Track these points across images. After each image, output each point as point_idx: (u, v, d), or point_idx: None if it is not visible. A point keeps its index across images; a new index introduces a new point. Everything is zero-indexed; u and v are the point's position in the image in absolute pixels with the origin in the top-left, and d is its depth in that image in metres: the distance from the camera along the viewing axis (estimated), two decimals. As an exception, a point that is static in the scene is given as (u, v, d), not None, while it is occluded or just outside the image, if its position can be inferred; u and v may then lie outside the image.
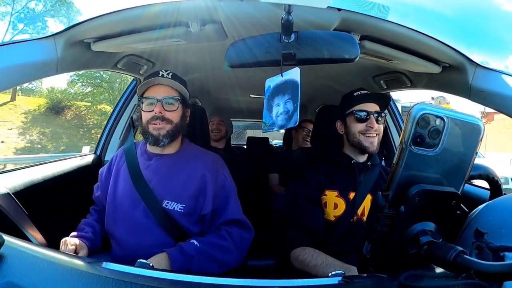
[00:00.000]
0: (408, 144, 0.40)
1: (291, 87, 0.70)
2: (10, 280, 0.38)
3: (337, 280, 0.46)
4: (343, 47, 0.71)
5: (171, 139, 0.96)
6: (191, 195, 0.94)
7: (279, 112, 0.71)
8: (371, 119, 1.02)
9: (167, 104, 0.96)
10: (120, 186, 0.98)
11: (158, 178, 0.95)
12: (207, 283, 0.44)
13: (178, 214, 0.92)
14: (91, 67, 1.18)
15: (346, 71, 1.57)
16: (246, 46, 0.72)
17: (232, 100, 2.72)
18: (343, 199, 1.01)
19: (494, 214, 0.47)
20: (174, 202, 0.93)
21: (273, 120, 0.72)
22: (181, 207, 0.93)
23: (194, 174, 0.96)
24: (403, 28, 0.89)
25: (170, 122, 0.95)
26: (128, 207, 0.94)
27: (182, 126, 1.00)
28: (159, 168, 0.97)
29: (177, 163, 0.99)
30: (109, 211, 0.98)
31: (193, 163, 0.99)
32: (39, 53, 0.88)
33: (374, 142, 1.02)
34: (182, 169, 0.98)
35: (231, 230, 0.94)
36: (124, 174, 0.99)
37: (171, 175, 0.96)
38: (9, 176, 1.00)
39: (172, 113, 0.96)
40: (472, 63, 0.92)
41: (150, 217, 0.91)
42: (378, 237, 0.43)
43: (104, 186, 1.03)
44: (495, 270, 0.33)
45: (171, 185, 0.95)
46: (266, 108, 0.74)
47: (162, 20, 0.91)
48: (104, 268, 0.47)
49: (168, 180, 0.95)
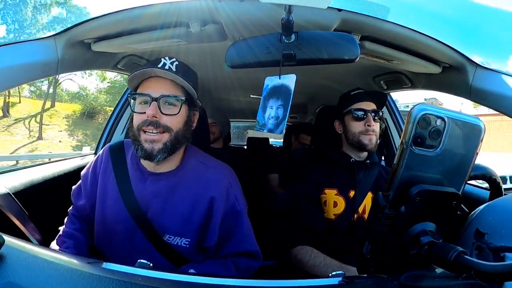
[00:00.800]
0: (408, 145, 0.40)
1: (285, 93, 0.70)
2: (10, 280, 0.38)
3: (337, 280, 0.45)
4: (343, 48, 0.71)
5: (169, 153, 0.74)
6: (197, 227, 0.77)
7: (270, 115, 0.72)
8: (369, 117, 1.03)
9: (166, 104, 0.73)
10: (110, 208, 0.79)
11: (156, 207, 0.77)
12: (207, 283, 0.44)
13: (183, 249, 0.77)
14: (92, 68, 1.18)
15: (346, 71, 1.58)
16: (247, 46, 0.73)
17: (233, 100, 2.72)
18: (342, 197, 1.01)
19: (495, 214, 0.47)
20: (177, 237, 0.76)
21: (264, 122, 0.72)
22: (185, 242, 0.76)
23: (201, 199, 0.77)
24: (404, 29, 0.89)
25: (169, 130, 0.73)
26: (124, 234, 0.77)
27: (185, 135, 0.78)
28: (157, 193, 0.77)
29: (179, 184, 0.79)
30: (99, 230, 0.81)
31: (199, 183, 0.79)
32: (39, 54, 0.88)
33: (372, 139, 1.03)
34: (186, 192, 0.78)
35: (238, 260, 0.79)
36: (113, 192, 0.79)
37: (172, 202, 0.77)
38: (9, 176, 1.00)
39: (172, 118, 0.73)
40: (472, 63, 0.92)
41: (151, 250, 0.76)
42: (379, 237, 0.43)
43: (90, 197, 0.83)
44: (496, 270, 0.33)
45: (172, 215, 0.76)
46: (261, 107, 0.74)
47: (163, 20, 0.91)
48: (104, 268, 0.47)
49: (168, 209, 0.77)
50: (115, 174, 0.81)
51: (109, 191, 0.80)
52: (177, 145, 0.75)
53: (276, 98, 0.72)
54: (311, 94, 2.32)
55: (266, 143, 3.25)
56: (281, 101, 0.70)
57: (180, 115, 0.75)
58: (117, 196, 0.78)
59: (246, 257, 0.81)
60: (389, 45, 0.98)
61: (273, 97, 0.72)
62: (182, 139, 0.76)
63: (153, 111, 0.71)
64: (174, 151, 0.76)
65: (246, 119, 3.96)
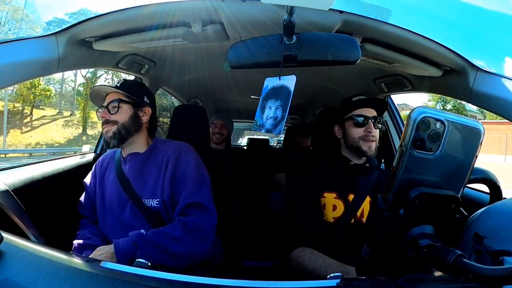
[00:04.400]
0: (408, 147, 0.40)
1: (285, 94, 0.70)
2: (8, 278, 0.38)
3: (335, 282, 0.45)
4: (344, 49, 0.71)
5: (120, 139, 0.97)
6: (161, 187, 0.96)
7: (269, 116, 0.72)
8: (369, 124, 1.03)
9: (112, 108, 0.99)
10: (108, 190, 1.02)
11: (133, 177, 0.99)
12: (204, 284, 0.44)
13: (157, 209, 0.95)
14: (93, 66, 1.18)
15: (347, 73, 1.58)
16: (248, 47, 0.73)
17: (233, 101, 2.72)
18: (341, 201, 1.01)
19: (494, 218, 0.47)
20: (150, 198, 0.96)
21: (262, 122, 0.72)
22: (156, 202, 0.95)
23: (162, 164, 0.99)
24: (405, 31, 0.89)
25: (116, 123, 0.97)
26: (117, 208, 0.97)
27: (133, 125, 1.00)
28: (133, 168, 1.01)
29: (147, 159, 1.02)
30: (99, 215, 1.02)
31: (162, 155, 1.02)
32: (40, 51, 0.88)
33: (372, 146, 1.03)
34: (153, 163, 1.01)
35: (186, 219, 0.92)
36: (110, 179, 1.03)
37: (143, 171, 1.00)
38: (8, 173, 1.00)
39: (116, 114, 0.98)
40: (473, 66, 0.92)
41: (138, 216, 0.95)
42: (377, 239, 0.43)
43: (92, 195, 1.05)
44: (494, 274, 0.33)
45: (144, 182, 0.98)
46: (260, 107, 0.74)
47: (164, 20, 0.91)
48: (102, 267, 0.47)
49: (140, 177, 0.99)
50: (114, 165, 1.04)
51: (107, 181, 1.03)
52: (125, 132, 0.98)
53: (275, 98, 0.72)
54: (311, 95, 2.32)
55: (266, 144, 3.26)
56: (280, 102, 0.70)
57: (122, 111, 0.99)
58: (113, 179, 1.01)
59: (195, 211, 0.94)
60: (390, 48, 0.98)
61: (272, 98, 0.72)
62: (130, 127, 0.99)
63: (103, 113, 0.98)
64: (125, 137, 0.99)
65: (246, 119, 3.96)
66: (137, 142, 1.03)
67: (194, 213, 0.93)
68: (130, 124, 1.00)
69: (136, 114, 1.03)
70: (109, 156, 1.10)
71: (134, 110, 1.02)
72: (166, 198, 0.96)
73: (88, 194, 1.06)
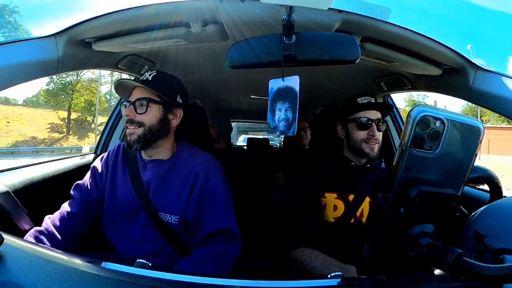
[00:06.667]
0: (408, 146, 0.40)
1: (291, 95, 0.71)
2: (9, 279, 0.38)
3: (336, 281, 0.45)
4: (344, 49, 0.71)
5: (144, 144, 0.88)
6: (184, 205, 0.89)
7: (281, 118, 0.72)
8: (373, 127, 1.03)
9: (139, 106, 0.89)
10: (120, 192, 0.93)
11: (153, 188, 0.90)
12: (206, 283, 0.44)
13: (175, 226, 0.89)
14: (92, 67, 1.18)
15: (347, 72, 1.57)
16: (247, 46, 0.73)
17: (233, 101, 2.71)
18: (342, 201, 1.01)
19: (494, 216, 0.47)
20: (168, 214, 0.89)
21: (275, 124, 0.73)
22: (175, 219, 0.88)
23: (188, 178, 0.91)
24: (404, 30, 0.89)
25: (142, 125, 0.88)
26: (128, 215, 0.90)
27: (160, 129, 0.91)
28: (154, 177, 0.92)
29: (172, 170, 0.93)
30: (108, 214, 0.94)
31: (188, 168, 0.93)
32: (40, 52, 0.88)
33: (374, 148, 1.03)
34: (177, 176, 0.92)
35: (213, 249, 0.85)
36: (122, 180, 0.94)
37: (165, 185, 0.91)
38: (9, 174, 1.00)
39: (143, 115, 0.88)
40: (473, 65, 0.92)
41: (152, 228, 0.88)
42: (378, 239, 0.43)
43: (99, 185, 0.96)
44: (495, 272, 0.33)
45: (164, 195, 0.90)
46: (270, 110, 0.74)
47: (163, 20, 0.91)
48: (103, 267, 0.47)
49: (162, 191, 0.90)
50: (127, 164, 0.95)
51: (119, 180, 0.94)
52: (151, 137, 0.89)
53: (283, 100, 0.72)
54: (311, 95, 2.32)
55: (266, 144, 3.25)
56: (288, 103, 0.71)
57: (151, 112, 0.89)
58: (127, 182, 0.92)
59: (223, 239, 0.88)
60: (390, 47, 0.98)
61: (280, 100, 0.73)
62: (157, 132, 0.90)
63: (128, 111, 0.89)
64: (150, 142, 0.90)
65: (246, 119, 3.95)
66: (162, 148, 0.94)
67: (223, 241, 0.88)
68: (158, 127, 0.90)
69: (166, 116, 0.92)
70: (122, 151, 1.00)
71: (164, 112, 0.92)
72: (189, 219, 0.89)
73: (95, 181, 0.96)
